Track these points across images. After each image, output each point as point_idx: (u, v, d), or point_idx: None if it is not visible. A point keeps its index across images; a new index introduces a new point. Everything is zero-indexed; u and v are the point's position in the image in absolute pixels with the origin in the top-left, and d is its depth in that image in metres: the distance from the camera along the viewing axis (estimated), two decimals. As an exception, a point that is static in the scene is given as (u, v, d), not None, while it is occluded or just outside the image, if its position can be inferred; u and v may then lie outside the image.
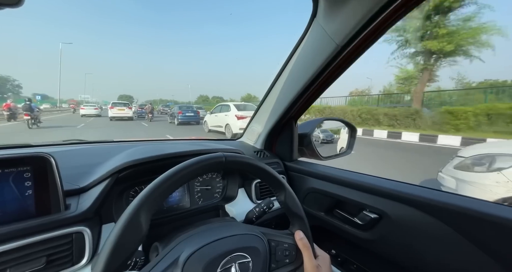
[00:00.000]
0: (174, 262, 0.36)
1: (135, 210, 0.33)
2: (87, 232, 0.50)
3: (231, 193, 0.84)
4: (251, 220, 0.58)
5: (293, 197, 0.49)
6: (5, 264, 0.42)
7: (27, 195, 0.46)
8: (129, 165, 0.61)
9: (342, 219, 0.80)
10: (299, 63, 0.79)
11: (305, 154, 1.07)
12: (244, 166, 0.46)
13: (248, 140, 1.16)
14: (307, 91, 0.83)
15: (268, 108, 0.98)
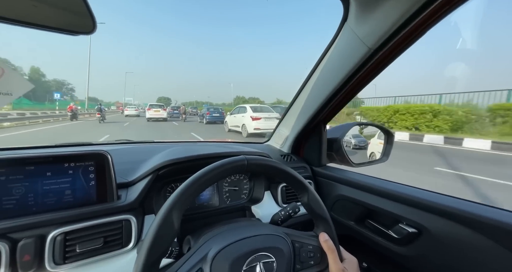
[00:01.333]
0: (204, 257, 0.39)
1: (168, 210, 0.37)
2: (133, 220, 0.58)
3: (257, 195, 0.86)
4: (276, 222, 0.59)
5: (316, 198, 0.49)
6: (75, 240, 0.51)
7: (90, 185, 0.56)
8: (167, 164, 0.68)
9: (375, 231, 0.75)
10: (329, 67, 0.78)
11: (335, 160, 1.04)
12: (266, 169, 0.47)
13: (275, 143, 1.17)
14: (337, 95, 0.81)
15: (296, 112, 0.98)
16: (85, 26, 0.43)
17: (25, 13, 0.43)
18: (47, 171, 0.51)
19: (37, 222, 0.48)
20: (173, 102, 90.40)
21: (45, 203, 0.51)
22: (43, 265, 0.48)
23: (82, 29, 0.43)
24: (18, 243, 0.46)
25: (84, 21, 0.42)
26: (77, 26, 0.45)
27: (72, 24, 0.46)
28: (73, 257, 0.50)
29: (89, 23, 0.42)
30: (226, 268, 0.38)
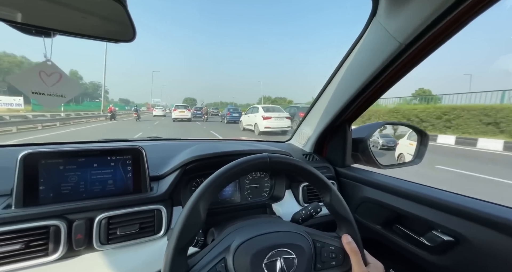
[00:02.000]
0: (227, 248, 0.41)
1: (196, 200, 0.40)
2: (164, 210, 0.63)
3: (278, 193, 0.87)
4: (297, 221, 0.59)
5: (339, 199, 0.48)
6: (116, 224, 0.58)
7: (128, 176, 0.62)
8: (193, 159, 0.72)
9: (404, 237, 0.71)
10: (356, 63, 0.75)
11: (360, 160, 0.99)
12: (288, 167, 0.48)
13: (297, 143, 1.16)
14: (364, 93, 0.77)
15: (320, 111, 0.96)
16: (126, 34, 0.48)
17: (75, 25, 0.49)
18: (94, 162, 0.59)
19: (87, 206, 0.56)
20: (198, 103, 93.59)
21: (93, 190, 0.58)
22: (92, 244, 0.55)
23: (124, 37, 0.48)
24: (73, 223, 0.54)
25: (126, 30, 0.47)
26: (119, 35, 0.50)
27: (115, 33, 0.51)
28: (115, 239, 0.57)
29: (130, 32, 0.47)
30: (247, 260, 0.39)
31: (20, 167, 0.51)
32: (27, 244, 0.49)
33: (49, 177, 0.54)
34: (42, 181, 0.53)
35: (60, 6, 0.44)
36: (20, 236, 0.49)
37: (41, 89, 0.49)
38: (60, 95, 0.52)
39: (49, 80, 0.50)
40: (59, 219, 0.52)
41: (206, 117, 18.12)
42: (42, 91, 0.49)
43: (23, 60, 51.49)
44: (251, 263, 0.39)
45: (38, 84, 0.49)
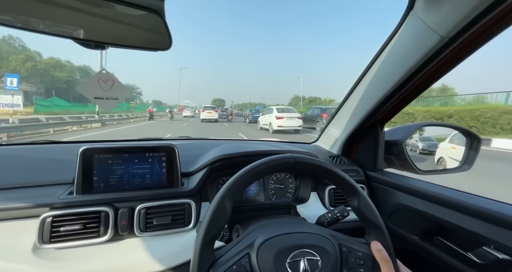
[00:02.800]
0: (251, 244, 0.42)
1: (221, 197, 0.42)
2: (193, 204, 0.68)
3: (303, 194, 0.86)
4: (322, 224, 0.58)
5: (368, 203, 0.46)
6: (152, 215, 0.64)
7: (163, 172, 0.69)
8: (220, 158, 0.76)
9: (447, 250, 0.64)
10: (391, 60, 0.70)
11: (394, 164, 0.92)
12: (313, 168, 0.47)
13: (323, 144, 1.13)
14: (399, 92, 0.72)
15: (348, 111, 0.92)
16: (164, 43, 0.53)
17: (122, 37, 0.56)
18: (136, 158, 0.67)
19: (130, 197, 0.64)
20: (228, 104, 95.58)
21: (134, 183, 0.66)
22: (133, 230, 0.62)
23: (162, 46, 0.54)
24: (118, 210, 0.61)
25: (164, 39, 0.52)
26: (158, 44, 0.56)
27: (154, 42, 0.57)
28: (152, 228, 0.63)
29: (167, 41, 0.52)
30: (271, 257, 0.40)
31: (80, 160, 0.61)
32: (84, 225, 0.58)
33: (100, 169, 0.63)
34: (95, 172, 0.62)
35: (111, 22, 0.51)
36: (79, 218, 0.58)
37: (100, 94, 0.58)
38: (114, 98, 0.61)
39: (105, 86, 0.59)
40: (108, 206, 0.60)
41: (230, 118, 19.38)
42: (101, 96, 0.58)
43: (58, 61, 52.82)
44: (274, 261, 0.39)
45: (97, 90, 0.58)
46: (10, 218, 0.57)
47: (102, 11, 0.48)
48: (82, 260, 0.56)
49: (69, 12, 0.46)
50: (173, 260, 0.61)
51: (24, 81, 37.85)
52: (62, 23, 0.47)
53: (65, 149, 0.88)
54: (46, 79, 47.07)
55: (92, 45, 0.49)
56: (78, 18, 0.47)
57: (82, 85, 0.58)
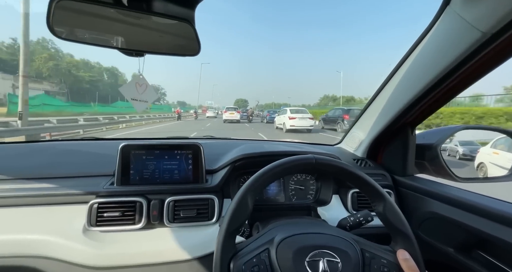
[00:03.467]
0: (270, 241, 0.43)
1: (243, 193, 0.44)
2: (216, 200, 0.72)
3: (324, 197, 0.84)
4: (343, 227, 0.56)
5: (394, 209, 0.44)
6: (179, 207, 0.69)
7: (189, 168, 0.74)
8: (242, 157, 0.80)
9: (489, 266, 0.57)
10: (423, 59, 0.65)
11: (427, 170, 0.86)
12: (335, 169, 0.46)
13: (347, 147, 1.09)
14: (432, 92, 0.67)
15: (375, 112, 0.88)
16: (192, 49, 0.57)
17: (156, 45, 0.62)
18: (166, 155, 0.73)
19: (161, 190, 0.70)
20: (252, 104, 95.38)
21: (164, 177, 0.72)
22: (163, 220, 0.68)
23: (191, 52, 0.58)
24: (150, 202, 0.68)
25: (193, 45, 0.56)
26: (187, 50, 0.60)
27: (184, 48, 0.62)
28: (179, 219, 0.69)
29: (196, 47, 0.56)
30: (290, 254, 0.41)
31: (120, 155, 0.68)
32: (122, 213, 0.65)
33: (136, 164, 0.70)
34: (132, 166, 0.70)
35: (149, 31, 0.57)
36: (119, 206, 0.65)
37: (135, 96, 0.66)
38: (145, 101, 0.68)
39: (140, 89, 0.66)
40: (142, 197, 0.67)
41: (251, 118, 20.72)
42: (136, 98, 0.66)
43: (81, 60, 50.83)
44: (293, 258, 0.40)
45: (134, 93, 0.65)
46: (66, 202, 0.68)
47: (141, 22, 0.53)
48: (121, 243, 0.63)
49: (115, 24, 0.52)
50: (198, 251, 0.65)
51: (46, 80, 36.54)
52: (109, 35, 0.54)
53: (107, 145, 0.99)
54: (68, 79, 44.04)
55: (133, 53, 0.55)
56: (123, 29, 0.53)
57: (124, 87, 0.66)
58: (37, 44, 46.14)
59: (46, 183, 0.69)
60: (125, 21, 0.52)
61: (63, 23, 0.50)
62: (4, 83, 24.98)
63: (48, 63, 41.60)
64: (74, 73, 46.55)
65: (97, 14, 0.50)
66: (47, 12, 0.44)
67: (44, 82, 34.65)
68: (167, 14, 0.51)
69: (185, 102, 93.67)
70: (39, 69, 40.01)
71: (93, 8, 0.48)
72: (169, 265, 0.64)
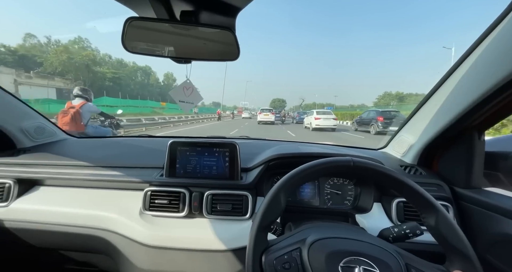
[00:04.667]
0: (302, 240, 0.43)
1: (277, 190, 0.45)
2: (250, 197, 0.75)
3: (364, 204, 0.79)
4: (386, 238, 0.51)
5: (450, 224, 0.39)
6: (216, 201, 0.75)
7: (226, 165, 0.80)
8: (276, 157, 0.81)
9: None
10: (495, 53, 0.54)
11: (501, 183, 0.72)
12: (376, 174, 0.43)
13: (393, 151, 0.98)
14: (509, 89, 0.55)
15: (430, 114, 0.77)
16: (232, 54, 0.61)
17: (200, 52, 0.68)
18: (206, 152, 0.80)
19: (201, 183, 0.77)
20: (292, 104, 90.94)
21: (204, 172, 0.79)
22: (202, 212, 0.75)
23: (231, 57, 0.62)
24: (192, 193, 0.76)
25: (233, 50, 0.60)
26: (227, 55, 0.65)
27: (225, 54, 0.67)
28: (216, 212, 0.75)
29: (235, 52, 0.60)
30: (322, 257, 0.39)
31: (168, 150, 0.79)
32: (169, 201, 0.75)
33: (181, 159, 0.79)
34: (178, 161, 0.79)
35: (195, 40, 0.63)
36: (166, 195, 0.75)
37: (183, 98, 0.75)
38: (191, 103, 0.77)
39: (187, 92, 0.75)
40: (185, 189, 0.76)
41: (283, 119, 21.91)
42: (183, 100, 0.75)
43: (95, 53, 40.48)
44: (326, 261, 0.39)
45: (182, 95, 0.75)
46: (127, 188, 0.82)
47: (189, 33, 0.60)
48: (168, 228, 0.73)
49: (169, 36, 0.60)
50: (232, 243, 0.70)
51: (58, 76, 28.46)
52: (164, 46, 0.63)
53: (159, 142, 1.14)
54: (85, 75, 34.75)
55: (182, 61, 0.63)
56: (174, 40, 0.61)
57: (174, 91, 0.76)
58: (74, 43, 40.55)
59: (114, 171, 0.84)
60: (176, 33, 0.60)
61: (131, 39, 0.60)
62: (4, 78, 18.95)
63: (61, 57, 32.75)
64: (92, 69, 37.05)
65: (156, 29, 0.59)
66: (122, 32, 0.53)
67: (56, 78, 27.10)
68: (211, 24, 0.56)
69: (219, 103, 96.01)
70: (53, 64, 32.45)
71: (153, 25, 0.56)
72: (207, 253, 0.70)
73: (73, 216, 0.77)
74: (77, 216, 0.77)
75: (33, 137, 1.02)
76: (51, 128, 1.12)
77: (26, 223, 0.79)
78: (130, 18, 0.51)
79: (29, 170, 0.87)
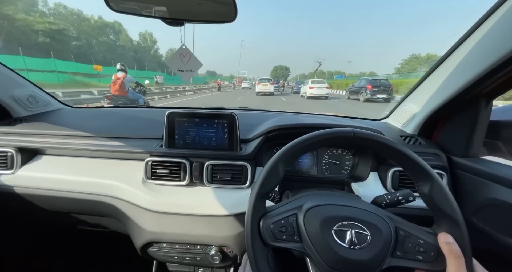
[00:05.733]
0: (299, 207, 0.45)
1: (276, 160, 0.45)
2: (249, 167, 0.77)
3: (360, 173, 0.81)
4: (379, 205, 0.53)
5: (443, 191, 0.40)
6: (216, 171, 0.78)
7: (225, 136, 0.80)
8: (275, 128, 0.81)
9: None
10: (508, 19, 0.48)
11: (499, 152, 0.74)
12: (375, 145, 0.43)
13: (395, 122, 0.97)
14: None
15: (436, 83, 0.74)
16: (229, 15, 0.55)
17: (195, 12, 0.61)
18: (204, 123, 0.79)
19: (201, 154, 0.79)
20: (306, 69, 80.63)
21: (203, 143, 0.80)
22: (203, 181, 0.78)
23: (228, 18, 0.56)
24: (192, 163, 0.78)
25: (230, 10, 0.54)
26: (224, 16, 0.59)
27: (221, 14, 0.60)
28: (216, 181, 0.78)
29: (232, 12, 0.54)
30: (317, 222, 0.42)
31: (166, 121, 0.78)
32: (171, 171, 0.77)
33: (180, 130, 0.79)
34: (176, 132, 0.79)
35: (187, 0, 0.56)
36: (167, 165, 0.78)
37: (181, 67, 0.70)
38: (190, 70, 0.72)
39: (184, 59, 0.70)
40: (185, 159, 0.78)
41: (282, 89, 24.18)
42: (182, 68, 0.70)
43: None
44: (321, 225, 0.41)
45: (179, 64, 0.70)
46: (128, 158, 0.84)
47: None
48: (171, 195, 0.77)
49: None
50: (232, 209, 0.74)
51: None
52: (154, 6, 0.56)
53: (158, 113, 1.13)
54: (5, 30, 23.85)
55: (174, 23, 0.57)
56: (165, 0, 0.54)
57: (170, 59, 0.71)
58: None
59: (113, 141, 0.85)
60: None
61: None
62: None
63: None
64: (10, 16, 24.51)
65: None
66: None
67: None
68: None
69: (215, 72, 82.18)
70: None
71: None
72: (208, 217, 0.75)
73: (78, 183, 0.81)
74: (82, 184, 0.81)
75: (28, 106, 1.00)
76: (44, 98, 1.09)
77: (34, 189, 0.83)
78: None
79: (29, 139, 0.87)
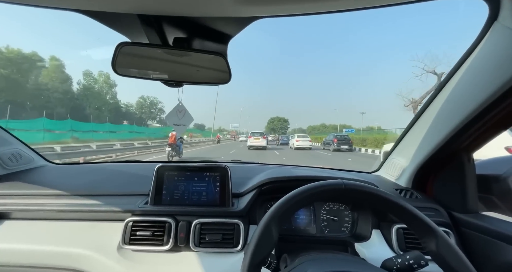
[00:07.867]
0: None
1: (267, 221, 0.41)
2: (241, 225, 0.69)
3: (362, 231, 0.74)
4: (390, 270, 0.46)
5: (451, 247, 0.36)
6: (205, 231, 0.68)
7: (216, 190, 0.75)
8: (268, 181, 0.78)
9: None
10: (473, 76, 0.58)
11: (496, 207, 0.71)
12: (370, 197, 0.41)
13: (387, 175, 0.98)
14: (493, 111, 0.57)
15: (418, 136, 0.79)
16: (224, 78, 0.63)
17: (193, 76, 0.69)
18: (195, 176, 0.75)
19: (189, 211, 0.71)
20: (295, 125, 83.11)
21: (192, 199, 0.74)
22: (189, 244, 0.67)
23: (223, 80, 0.63)
24: (179, 223, 0.69)
25: (225, 75, 0.61)
26: (219, 79, 0.66)
27: (217, 78, 0.68)
28: (204, 244, 0.67)
29: (227, 76, 0.61)
30: None
31: (155, 175, 0.74)
32: (153, 232, 0.67)
33: (168, 185, 0.74)
34: (165, 186, 0.74)
35: (188, 66, 0.65)
36: (150, 225, 0.68)
37: (177, 122, 0.74)
38: (184, 124, 0.76)
39: (180, 115, 0.75)
40: (171, 218, 0.69)
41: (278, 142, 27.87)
42: (177, 123, 0.74)
43: None
44: None
45: (176, 119, 0.74)
46: (106, 219, 0.74)
47: (182, 59, 0.62)
48: (149, 264, 0.65)
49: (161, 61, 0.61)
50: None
51: None
52: (156, 71, 0.64)
53: (145, 167, 1.09)
54: None
55: (173, 84, 0.63)
56: (167, 65, 0.62)
57: (168, 115, 0.76)
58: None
59: (93, 199, 0.76)
60: (169, 59, 0.61)
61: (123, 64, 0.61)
62: None
63: None
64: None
65: (148, 55, 0.60)
66: (112, 56, 0.54)
67: None
68: (204, 50, 0.58)
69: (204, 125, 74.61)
70: None
71: (145, 50, 0.57)
72: None
73: (40, 255, 0.67)
74: (46, 255, 0.67)
75: (7, 164, 0.92)
76: (28, 155, 1.02)
77: None
78: (122, 43, 0.52)
79: None
